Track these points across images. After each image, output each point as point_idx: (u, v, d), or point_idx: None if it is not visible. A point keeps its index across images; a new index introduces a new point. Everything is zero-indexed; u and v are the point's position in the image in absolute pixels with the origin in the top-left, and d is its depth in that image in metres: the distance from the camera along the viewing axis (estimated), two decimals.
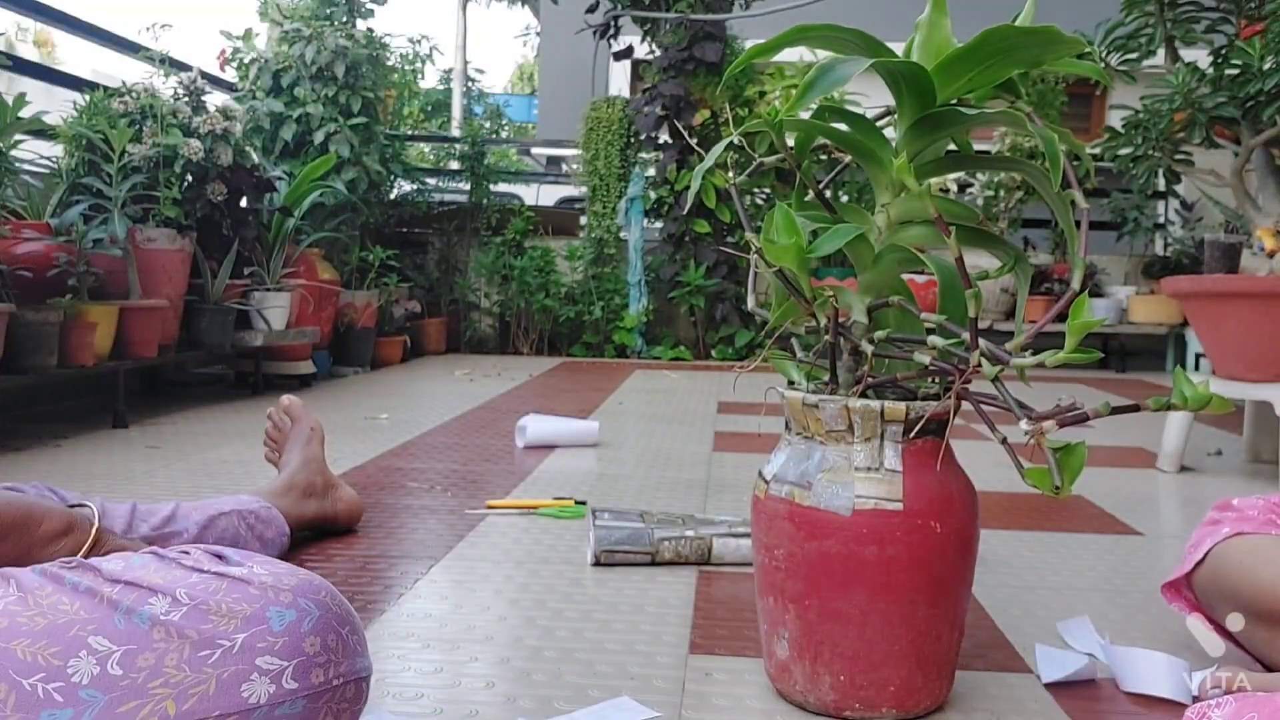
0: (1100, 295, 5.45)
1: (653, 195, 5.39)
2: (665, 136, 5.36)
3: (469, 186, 5.64)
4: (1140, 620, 1.33)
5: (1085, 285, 0.89)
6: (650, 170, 5.49)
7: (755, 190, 5.32)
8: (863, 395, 1.00)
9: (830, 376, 1.04)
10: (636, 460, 2.40)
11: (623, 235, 5.51)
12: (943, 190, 1.06)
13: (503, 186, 6.49)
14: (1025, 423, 0.87)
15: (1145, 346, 5.54)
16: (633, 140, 5.54)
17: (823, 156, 4.25)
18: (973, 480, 1.03)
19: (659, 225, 5.55)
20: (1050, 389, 4.03)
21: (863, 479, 0.97)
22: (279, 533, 1.47)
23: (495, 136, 8.16)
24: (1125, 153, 2.67)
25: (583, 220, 5.69)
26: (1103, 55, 2.64)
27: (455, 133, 8.06)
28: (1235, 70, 2.42)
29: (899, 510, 0.96)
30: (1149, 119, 2.58)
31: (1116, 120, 2.87)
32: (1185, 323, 4.98)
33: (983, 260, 4.30)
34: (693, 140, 4.72)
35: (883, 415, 0.97)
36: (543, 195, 7.56)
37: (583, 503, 1.88)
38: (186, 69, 3.41)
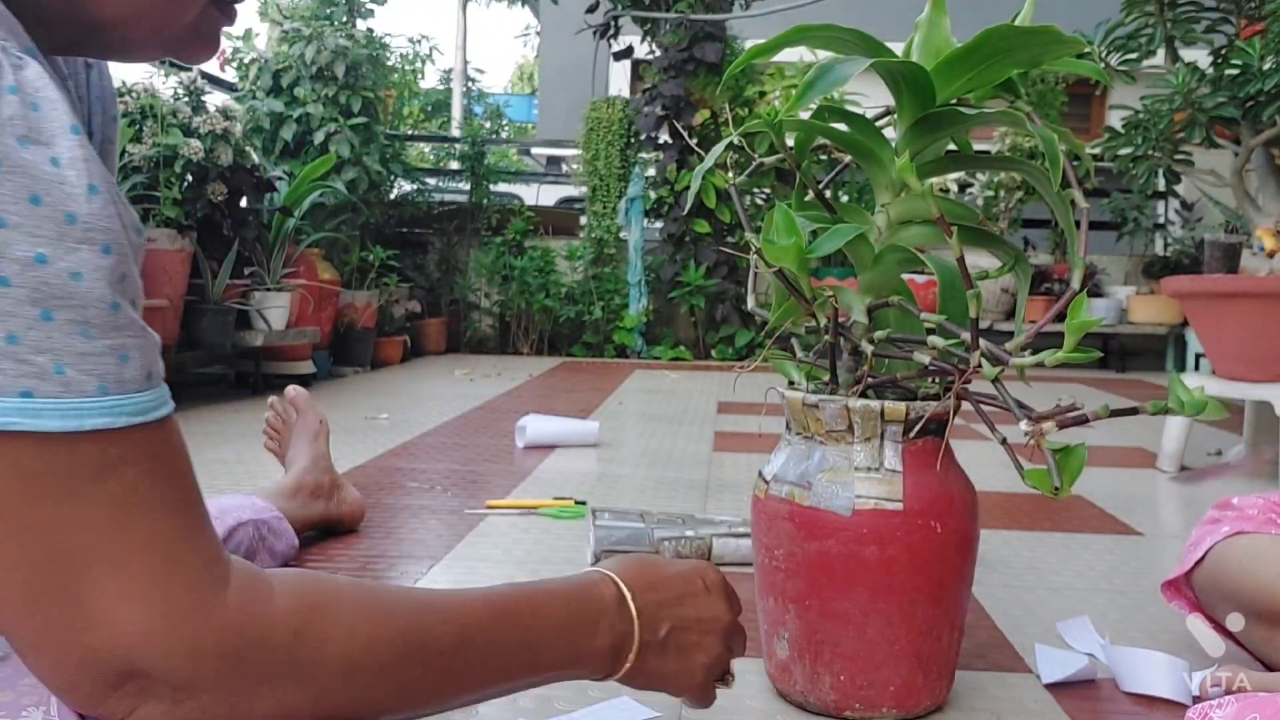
0: (1100, 295, 5.45)
1: (653, 195, 5.39)
2: (665, 136, 5.36)
3: (469, 186, 5.64)
4: (1140, 620, 1.33)
5: (1085, 285, 0.89)
6: (650, 170, 5.49)
7: (755, 190, 5.32)
8: (863, 395, 1.00)
9: (830, 376, 1.04)
10: (636, 460, 2.40)
11: (623, 235, 5.51)
12: (942, 190, 1.06)
13: (503, 186, 6.49)
14: (1025, 423, 0.87)
15: (1145, 346, 5.54)
16: (633, 140, 5.54)
17: (823, 157, 4.25)
18: (973, 480, 1.03)
19: (659, 225, 5.55)
20: (1050, 389, 4.03)
21: (863, 479, 0.97)
22: (288, 545, 1.46)
23: (495, 136, 8.18)
24: (1125, 153, 2.67)
25: (583, 220, 5.69)
26: (1103, 55, 2.64)
27: (455, 133, 8.06)
28: (1235, 70, 2.42)
29: (899, 510, 0.96)
30: (1149, 119, 2.59)
31: (1116, 120, 2.87)
32: (1185, 323, 4.98)
33: (983, 260, 4.30)
34: (693, 140, 4.73)
35: (883, 415, 0.97)
36: (543, 195, 7.56)
37: (583, 503, 1.88)
38: (186, 69, 3.41)
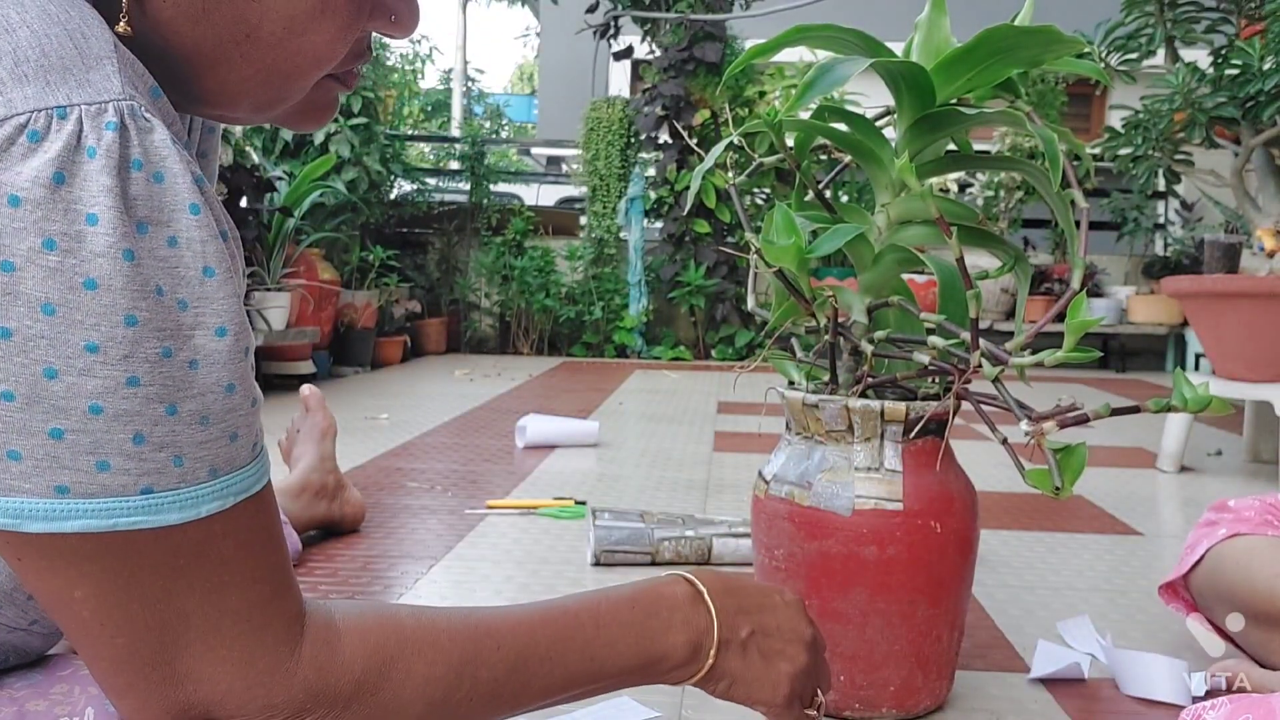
0: (1100, 295, 5.45)
1: (653, 195, 5.39)
2: (665, 136, 5.36)
3: (469, 186, 5.64)
4: (1140, 620, 1.33)
5: (1085, 285, 0.89)
6: (650, 170, 5.49)
7: (755, 190, 5.32)
8: (862, 395, 1.00)
9: (830, 377, 1.04)
10: (636, 460, 2.40)
11: (623, 235, 5.51)
12: (942, 190, 1.06)
13: (503, 186, 6.49)
14: (1025, 423, 0.87)
15: (1145, 346, 5.54)
16: (633, 140, 5.54)
17: (823, 157, 4.25)
18: (973, 480, 1.03)
19: (659, 225, 5.55)
20: (1050, 389, 4.03)
21: (863, 479, 0.97)
22: (291, 548, 1.47)
23: (495, 136, 8.17)
24: (1125, 153, 2.67)
25: (583, 220, 5.69)
26: (1103, 55, 2.64)
27: (455, 133, 8.06)
28: (1235, 70, 2.42)
29: (899, 510, 0.96)
30: (1149, 119, 2.59)
31: (1116, 120, 2.87)
32: (1185, 323, 4.98)
33: (982, 260, 4.31)
34: (693, 140, 4.73)
35: (883, 415, 0.97)
36: (543, 195, 7.56)
37: (583, 503, 1.88)
38: None
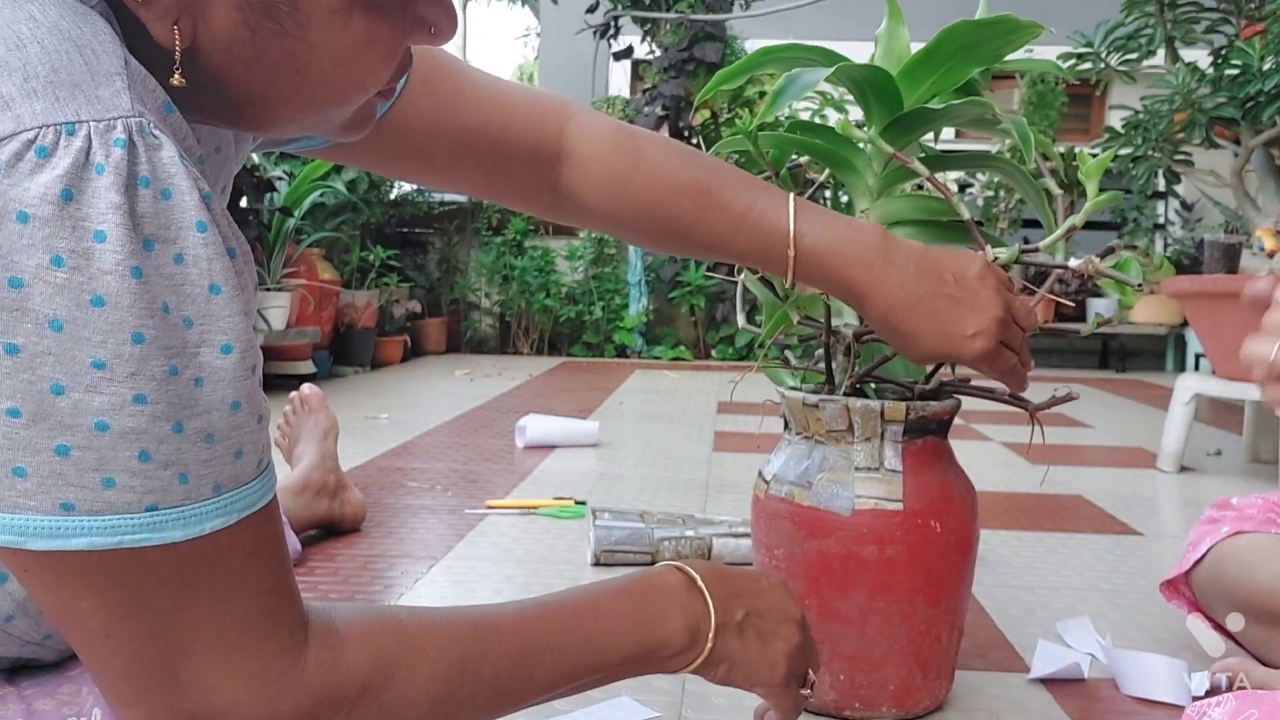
0: (1100, 295, 5.45)
1: None
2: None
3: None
4: (1140, 620, 1.33)
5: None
6: None
7: None
8: (861, 395, 1.00)
9: (826, 378, 1.04)
10: (636, 460, 2.40)
11: None
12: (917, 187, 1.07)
13: None
14: (1074, 261, 0.92)
15: (1145, 346, 5.54)
16: None
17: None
18: (973, 480, 1.03)
19: None
20: (1050, 388, 4.03)
21: (863, 479, 0.97)
22: (290, 549, 1.47)
23: None
24: (1125, 153, 2.67)
25: (588, 229, 5.69)
26: (1103, 55, 2.65)
27: None
28: (1235, 70, 2.42)
29: (899, 510, 0.96)
30: (1149, 119, 2.59)
31: (1116, 120, 2.87)
32: (1185, 323, 4.98)
33: None
34: (693, 141, 4.73)
35: (883, 415, 0.97)
36: None
37: (583, 503, 1.88)
38: None
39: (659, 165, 0.84)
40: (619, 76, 6.60)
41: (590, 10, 5.47)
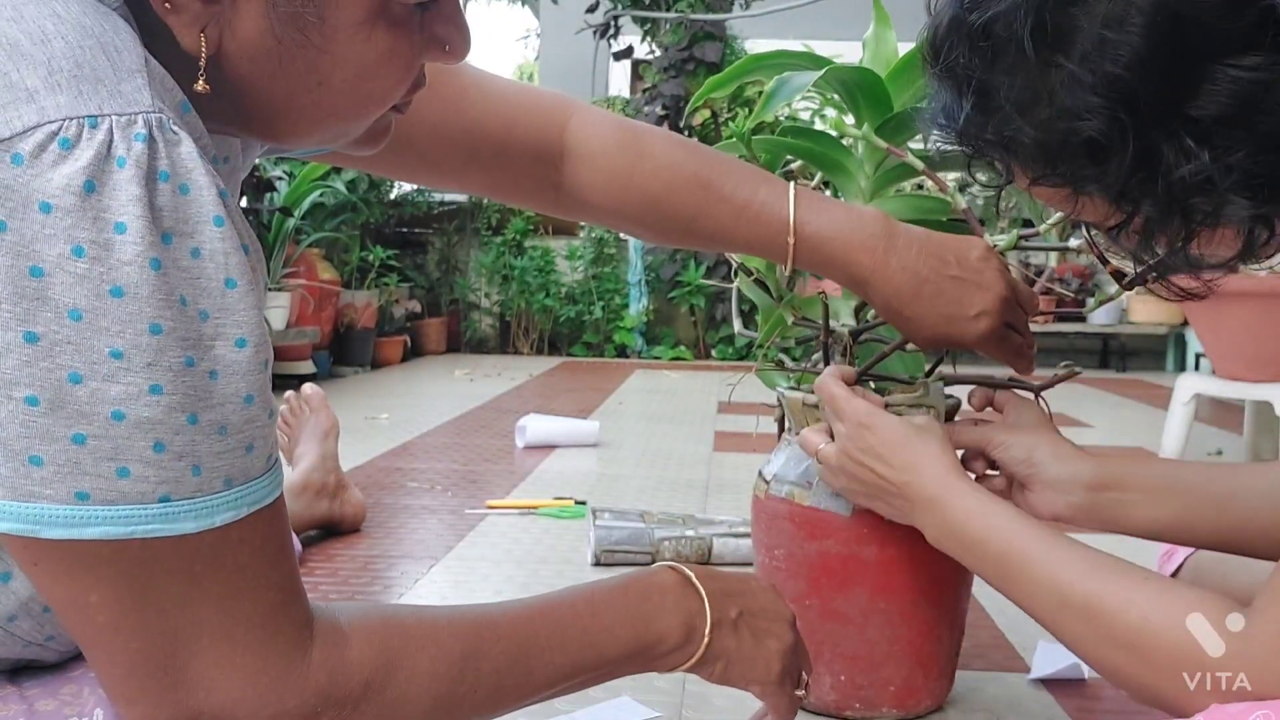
0: (1100, 292, 5.45)
1: None
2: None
3: None
4: None
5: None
6: None
7: None
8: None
9: None
10: (636, 460, 2.40)
11: (622, 235, 5.51)
12: (917, 187, 1.08)
13: None
14: (1075, 240, 0.94)
15: (1145, 346, 5.54)
16: None
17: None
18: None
19: None
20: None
21: None
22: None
23: None
24: None
25: (591, 223, 5.69)
26: None
27: None
28: None
29: None
30: None
31: None
32: (1185, 323, 4.98)
33: None
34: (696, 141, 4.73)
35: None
36: None
37: (583, 503, 1.88)
38: None
39: (661, 159, 0.85)
40: (619, 76, 6.60)
41: (590, 10, 5.47)
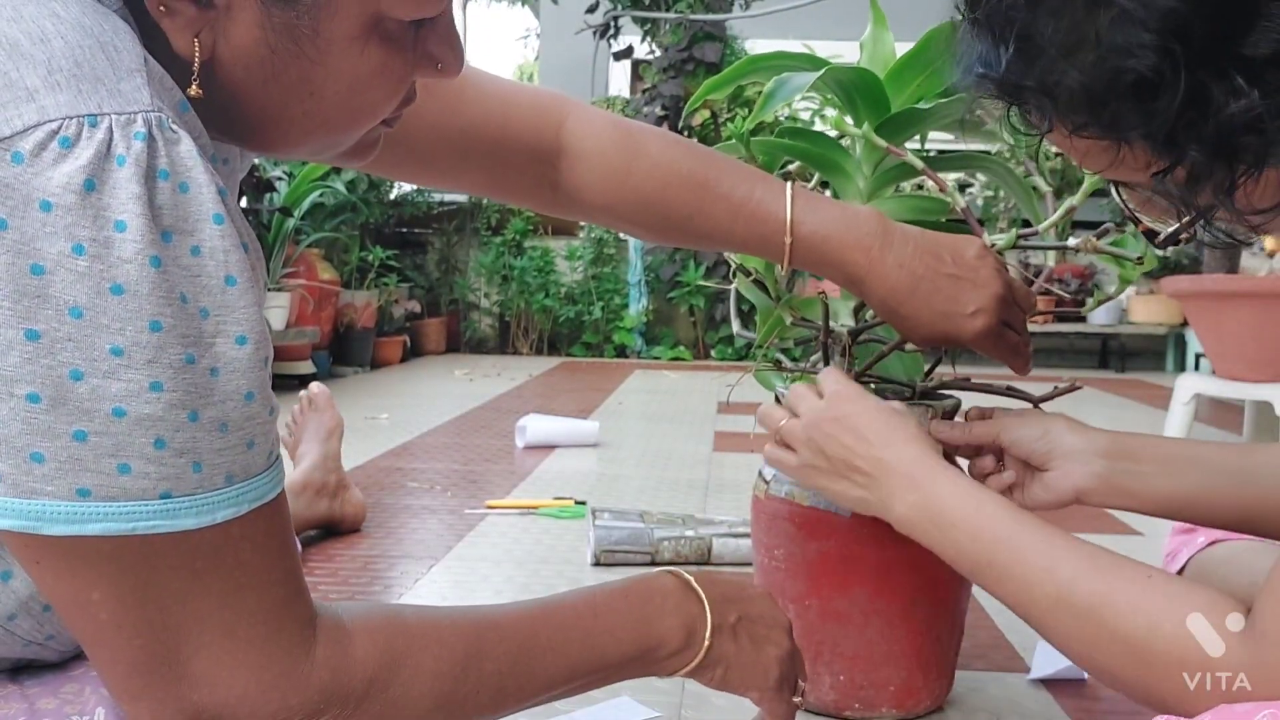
0: (1100, 292, 5.45)
1: None
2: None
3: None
4: None
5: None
6: None
7: None
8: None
9: None
10: (636, 460, 2.40)
11: (622, 235, 5.51)
12: (917, 187, 1.08)
13: None
14: (1073, 240, 0.95)
15: (1145, 347, 5.54)
16: None
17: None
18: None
19: None
20: (1050, 387, 4.03)
21: None
22: None
23: None
24: None
25: (588, 222, 5.69)
26: None
27: None
28: None
29: None
30: None
31: None
32: (1185, 323, 4.98)
33: None
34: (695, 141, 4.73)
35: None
36: None
37: (583, 503, 1.88)
38: None
39: (657, 158, 0.85)
40: (619, 76, 6.60)
41: (590, 10, 5.47)
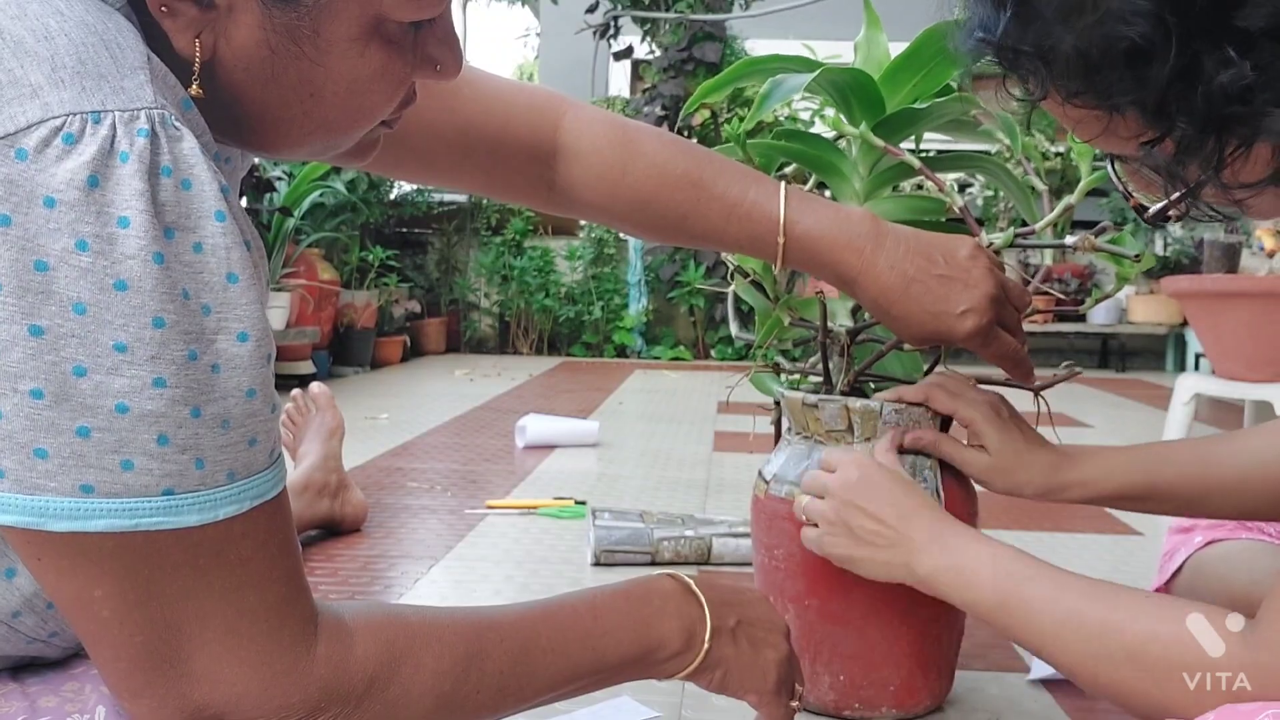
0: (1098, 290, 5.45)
1: None
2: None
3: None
4: None
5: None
6: None
7: None
8: (860, 395, 1.00)
9: (824, 379, 1.04)
10: (636, 460, 2.40)
11: (622, 235, 5.51)
12: (917, 187, 1.08)
13: None
14: (1071, 239, 0.95)
15: (1145, 346, 5.54)
16: None
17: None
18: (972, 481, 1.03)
19: None
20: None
21: None
22: None
23: None
24: None
25: (582, 220, 5.69)
26: None
27: None
28: None
29: None
30: None
31: None
32: (1185, 323, 4.98)
33: None
34: (693, 141, 4.73)
35: (882, 415, 0.97)
36: None
37: (583, 503, 1.88)
38: None
39: (653, 158, 0.85)
40: (619, 76, 6.61)
41: (590, 10, 5.47)
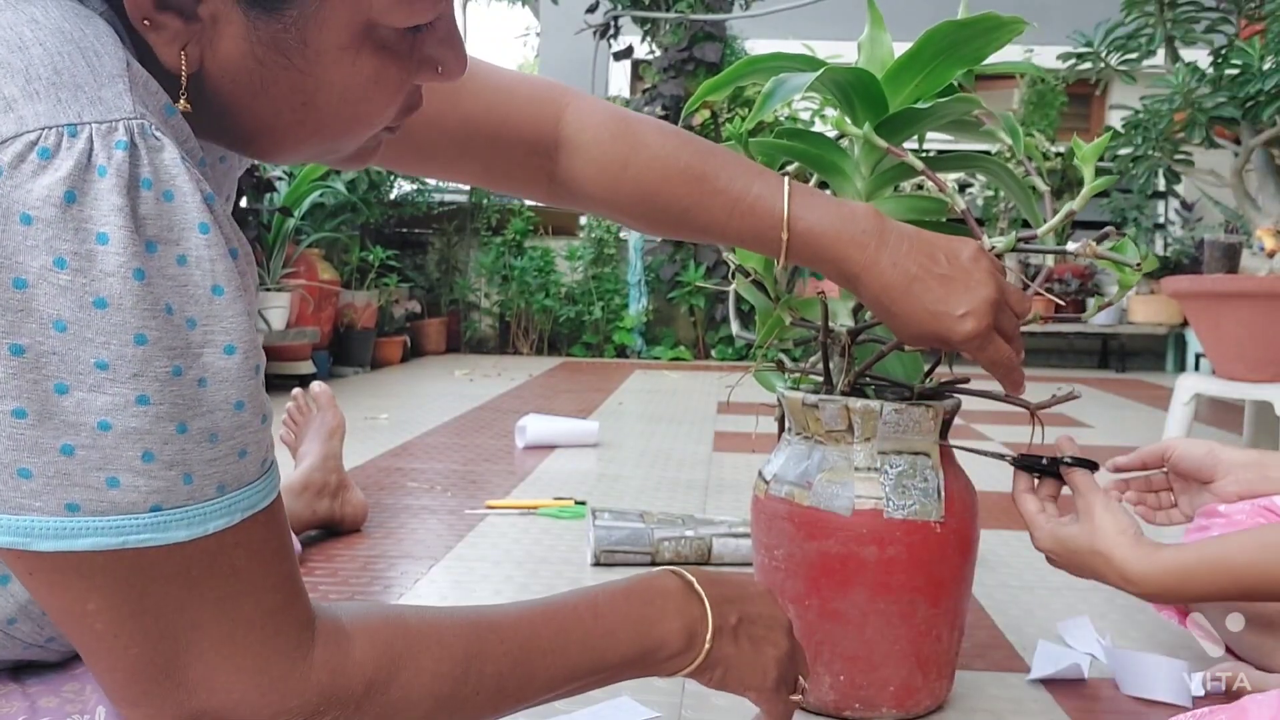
0: (1100, 294, 5.45)
1: None
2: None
3: (469, 186, 5.64)
4: (1140, 620, 1.33)
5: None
6: None
7: None
8: (861, 395, 1.00)
9: (825, 379, 1.04)
10: (636, 460, 2.40)
11: (622, 235, 5.51)
12: (917, 187, 1.08)
13: None
14: (1072, 245, 0.94)
15: (1145, 347, 5.54)
16: None
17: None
18: (972, 480, 1.03)
19: None
20: (1049, 388, 4.03)
21: (862, 479, 0.97)
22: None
23: None
24: (1125, 153, 2.67)
25: (582, 220, 5.69)
26: (1102, 55, 2.65)
27: None
28: (1235, 70, 2.42)
29: None
30: (1149, 119, 2.58)
31: (1117, 120, 2.87)
32: (1185, 323, 4.98)
33: None
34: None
35: (882, 415, 0.97)
36: None
37: (583, 503, 1.88)
38: None
39: (656, 150, 0.85)
40: (619, 76, 6.61)
41: (590, 10, 5.47)
